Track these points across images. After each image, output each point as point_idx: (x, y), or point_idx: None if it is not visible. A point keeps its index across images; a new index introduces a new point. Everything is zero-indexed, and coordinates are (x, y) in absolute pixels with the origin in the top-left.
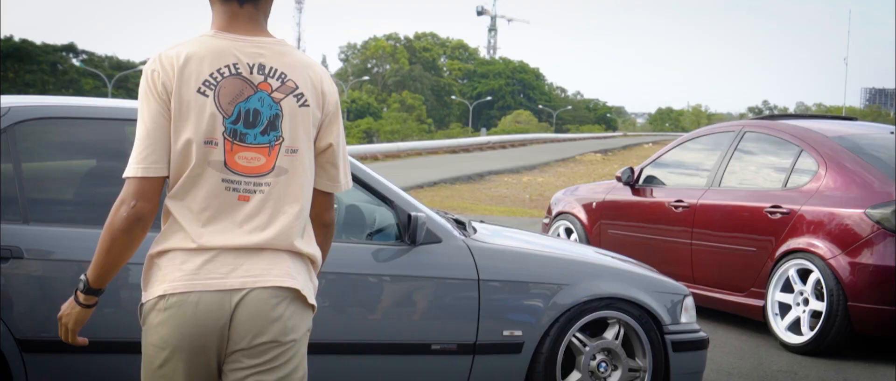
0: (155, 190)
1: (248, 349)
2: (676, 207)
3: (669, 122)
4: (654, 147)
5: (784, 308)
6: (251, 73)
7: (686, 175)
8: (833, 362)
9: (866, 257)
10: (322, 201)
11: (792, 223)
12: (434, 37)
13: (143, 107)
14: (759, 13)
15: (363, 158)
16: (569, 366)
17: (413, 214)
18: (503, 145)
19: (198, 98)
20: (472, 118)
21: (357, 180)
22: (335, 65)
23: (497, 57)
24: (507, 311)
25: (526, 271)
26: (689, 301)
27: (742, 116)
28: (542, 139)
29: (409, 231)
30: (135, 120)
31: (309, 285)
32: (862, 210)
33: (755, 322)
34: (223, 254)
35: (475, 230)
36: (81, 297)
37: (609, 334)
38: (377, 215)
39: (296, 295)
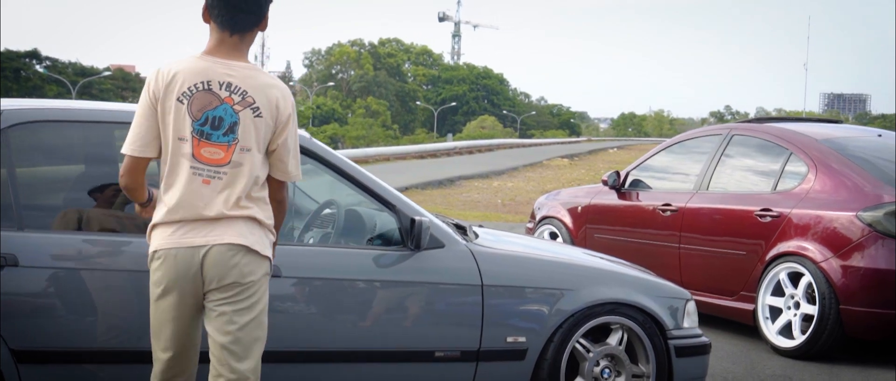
0: (139, 168)
1: (218, 289)
2: (664, 210)
3: (632, 127)
4: (620, 152)
5: (775, 312)
6: (220, 89)
7: (673, 179)
8: (826, 366)
9: (858, 260)
10: (275, 186)
11: (782, 227)
12: (398, 43)
13: (139, 104)
14: (720, 19)
15: None
16: (572, 373)
17: (417, 218)
18: (470, 151)
19: (176, 105)
20: (436, 124)
21: (358, 184)
22: (299, 70)
23: (461, 63)
24: (510, 317)
25: (529, 277)
26: (691, 306)
27: (704, 121)
28: (509, 144)
29: (412, 236)
30: (129, 123)
31: (262, 241)
32: (853, 213)
33: (744, 326)
34: (190, 224)
35: (477, 235)
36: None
37: (612, 339)
38: (377, 220)
39: (248, 249)
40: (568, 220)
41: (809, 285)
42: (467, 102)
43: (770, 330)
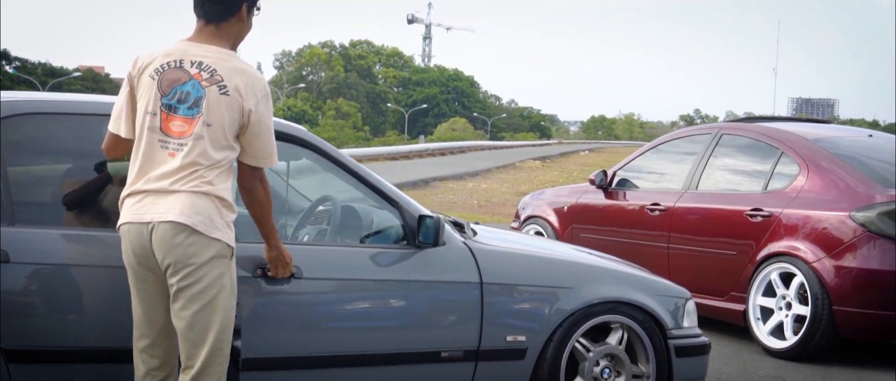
0: (117, 145)
1: (168, 268)
2: (652, 210)
3: (602, 130)
4: (591, 155)
5: (766, 313)
6: (191, 66)
7: (661, 179)
8: (819, 367)
9: (851, 261)
10: (244, 172)
11: (773, 227)
12: (369, 44)
13: (122, 86)
14: (690, 23)
15: None
16: (571, 373)
17: (427, 215)
18: (443, 152)
19: (148, 81)
20: (407, 126)
21: (362, 181)
22: (270, 72)
23: (432, 65)
24: (510, 315)
25: (529, 275)
26: (691, 305)
27: (674, 125)
28: (480, 146)
29: (420, 233)
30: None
31: (212, 221)
32: (846, 213)
33: (734, 327)
34: (148, 195)
35: (475, 233)
36: None
37: (612, 339)
38: (374, 217)
39: (191, 230)
40: (554, 219)
41: (802, 286)
42: (438, 104)
43: (761, 331)
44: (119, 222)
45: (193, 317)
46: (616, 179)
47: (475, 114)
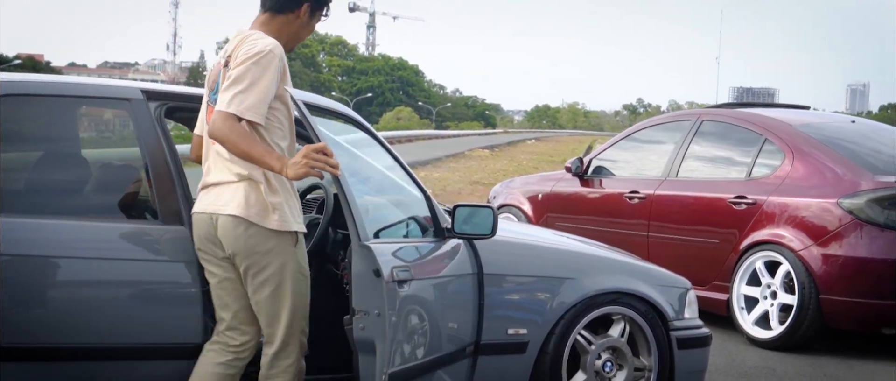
0: (196, 142)
1: (235, 257)
2: (631, 198)
3: (546, 119)
4: (538, 144)
5: (750, 302)
6: (223, 57)
7: (639, 166)
8: (808, 357)
9: (839, 249)
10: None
11: (758, 214)
12: (313, 33)
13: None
14: (632, 13)
15: None
16: (572, 367)
17: (463, 204)
18: (391, 142)
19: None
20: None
21: (401, 165)
22: (213, 60)
23: (376, 54)
24: (511, 308)
25: (530, 265)
26: (692, 295)
27: (617, 114)
28: (427, 136)
29: (455, 223)
30: (119, 98)
31: (264, 210)
32: (834, 200)
33: (716, 317)
34: (212, 187)
35: None
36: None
37: (614, 331)
38: (370, 207)
39: (249, 223)
40: (527, 208)
41: (788, 275)
42: (383, 93)
43: (746, 321)
44: (192, 210)
45: (264, 301)
46: (592, 167)
47: (420, 103)
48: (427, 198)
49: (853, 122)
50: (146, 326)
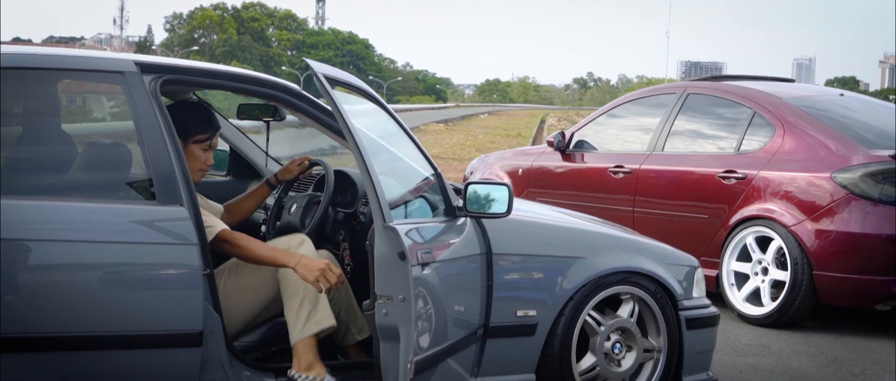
0: None
1: None
2: (616, 173)
3: (497, 93)
4: (491, 118)
5: (740, 278)
6: None
7: (623, 140)
8: (801, 334)
9: (833, 224)
10: None
11: (748, 189)
12: (262, 7)
13: None
14: None
15: None
16: (580, 349)
17: (476, 181)
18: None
19: None
20: (303, 90)
21: (415, 144)
22: (161, 35)
23: (326, 28)
24: (520, 288)
25: (539, 244)
26: (700, 273)
27: (567, 88)
28: None
29: (467, 202)
30: (111, 72)
31: None
32: (827, 174)
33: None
34: None
35: None
36: None
37: (623, 311)
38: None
39: None
40: (507, 183)
41: (780, 250)
42: (333, 67)
43: (736, 297)
44: None
45: None
46: (574, 141)
47: (371, 77)
48: (437, 175)
49: (842, 95)
50: (141, 314)
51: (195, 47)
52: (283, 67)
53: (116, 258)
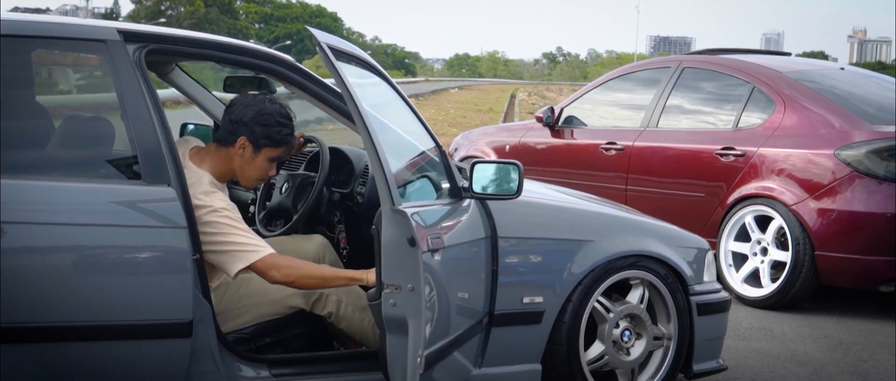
0: None
1: None
2: (607, 149)
3: (466, 68)
4: (461, 92)
5: (738, 259)
6: None
7: (615, 116)
8: (803, 316)
9: (836, 203)
10: None
11: (747, 167)
12: None
13: None
14: None
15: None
16: (588, 337)
17: (482, 160)
18: None
19: None
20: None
21: (420, 121)
22: (127, 7)
23: (294, 0)
24: (527, 273)
25: (547, 226)
26: (711, 256)
27: (537, 62)
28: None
29: (469, 183)
30: (92, 40)
31: None
32: (830, 151)
33: None
34: None
35: None
36: None
37: (633, 297)
38: (366, 161)
39: None
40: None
41: (780, 230)
42: (302, 40)
43: (734, 278)
44: None
45: None
46: (563, 117)
47: None
48: (442, 154)
49: (842, 69)
50: (125, 302)
51: (163, 19)
52: (251, 40)
53: (98, 242)
